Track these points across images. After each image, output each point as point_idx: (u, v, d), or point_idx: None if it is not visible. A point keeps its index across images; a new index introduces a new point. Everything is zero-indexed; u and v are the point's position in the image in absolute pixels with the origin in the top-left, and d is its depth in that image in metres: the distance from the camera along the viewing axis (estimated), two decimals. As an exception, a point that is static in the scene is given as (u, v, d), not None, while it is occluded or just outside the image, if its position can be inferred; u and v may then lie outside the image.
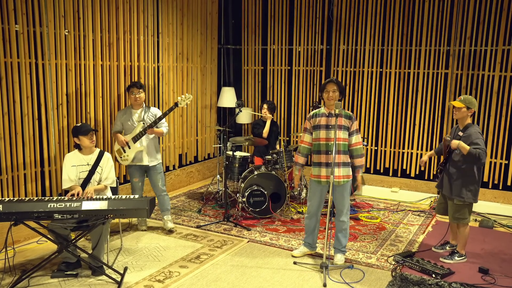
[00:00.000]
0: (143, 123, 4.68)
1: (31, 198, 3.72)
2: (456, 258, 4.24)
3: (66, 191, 3.98)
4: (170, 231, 4.82)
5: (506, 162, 5.73)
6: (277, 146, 6.20)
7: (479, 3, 5.65)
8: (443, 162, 4.22)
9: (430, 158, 6.12)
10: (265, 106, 5.99)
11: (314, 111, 4.18)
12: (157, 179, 4.85)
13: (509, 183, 5.73)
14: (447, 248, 4.45)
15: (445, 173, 4.20)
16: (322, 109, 4.12)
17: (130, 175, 4.85)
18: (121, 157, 4.77)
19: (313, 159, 4.14)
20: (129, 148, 4.72)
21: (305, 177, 5.92)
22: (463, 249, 4.27)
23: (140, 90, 4.69)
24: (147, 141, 4.74)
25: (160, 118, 4.66)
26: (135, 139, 4.69)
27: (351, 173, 4.11)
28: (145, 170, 4.85)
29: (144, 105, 4.80)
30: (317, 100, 6.56)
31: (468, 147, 3.92)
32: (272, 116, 6.08)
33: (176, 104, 4.72)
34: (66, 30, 4.69)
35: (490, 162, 5.79)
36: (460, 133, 4.09)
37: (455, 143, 4.02)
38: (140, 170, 4.82)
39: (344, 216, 4.11)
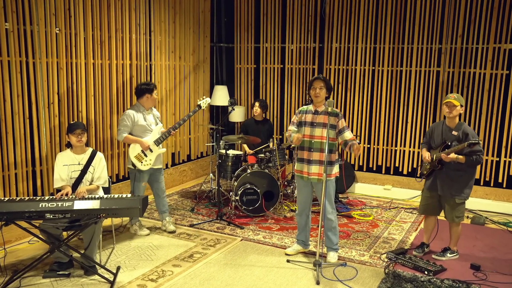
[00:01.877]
0: (161, 124, 4.69)
1: (22, 197, 3.69)
2: (448, 255, 4.26)
3: (58, 191, 3.95)
4: (171, 233, 4.77)
5: (497, 159, 5.77)
6: (270, 144, 6.19)
7: (470, 1, 5.67)
8: (436, 164, 4.14)
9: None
10: (256, 104, 6.00)
11: (303, 107, 4.22)
12: (162, 180, 4.82)
13: (500, 180, 5.77)
14: (426, 249, 4.36)
15: (441, 175, 4.12)
16: (310, 106, 4.16)
17: (140, 179, 4.61)
18: (141, 162, 4.55)
19: (297, 154, 4.20)
20: (151, 151, 4.57)
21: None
22: (455, 246, 4.29)
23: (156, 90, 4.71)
24: (162, 144, 4.71)
25: (184, 120, 4.76)
26: (158, 141, 4.59)
27: (333, 172, 4.11)
28: (150, 173, 4.74)
29: None
30: (309, 98, 6.56)
31: (463, 158, 3.89)
32: (265, 114, 6.07)
33: (199, 106, 4.94)
34: (57, 28, 4.65)
35: (482, 160, 5.84)
36: (454, 132, 4.03)
37: (450, 158, 3.93)
38: (149, 174, 4.69)
39: (330, 214, 4.11)
